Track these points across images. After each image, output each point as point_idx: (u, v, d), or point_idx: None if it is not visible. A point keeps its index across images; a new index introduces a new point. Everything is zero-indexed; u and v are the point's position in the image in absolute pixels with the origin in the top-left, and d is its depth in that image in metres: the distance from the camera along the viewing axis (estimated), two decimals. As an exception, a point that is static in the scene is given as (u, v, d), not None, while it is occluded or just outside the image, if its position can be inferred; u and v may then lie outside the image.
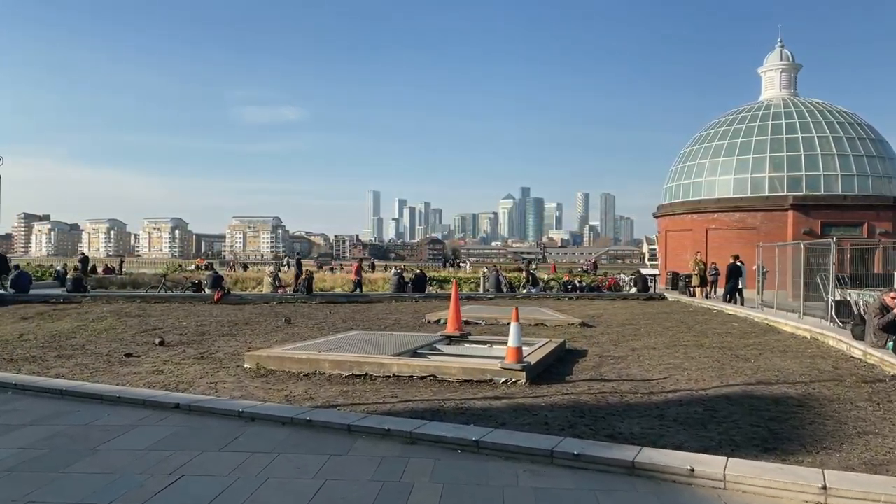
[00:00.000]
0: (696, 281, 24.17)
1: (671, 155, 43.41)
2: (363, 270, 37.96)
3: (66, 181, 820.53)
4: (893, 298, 10.09)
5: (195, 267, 56.68)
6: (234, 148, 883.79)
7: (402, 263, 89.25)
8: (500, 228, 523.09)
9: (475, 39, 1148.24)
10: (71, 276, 23.10)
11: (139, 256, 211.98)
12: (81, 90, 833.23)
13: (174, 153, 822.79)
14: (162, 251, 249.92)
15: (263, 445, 5.24)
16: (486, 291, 27.82)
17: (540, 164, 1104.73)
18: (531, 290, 28.51)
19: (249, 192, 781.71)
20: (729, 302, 20.86)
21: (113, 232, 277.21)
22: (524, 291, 27.79)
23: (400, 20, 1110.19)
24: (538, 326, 14.05)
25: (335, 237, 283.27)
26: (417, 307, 19.30)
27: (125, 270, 46.75)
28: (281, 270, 36.36)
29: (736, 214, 35.48)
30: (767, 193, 34.95)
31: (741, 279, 21.77)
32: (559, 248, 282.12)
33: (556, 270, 53.35)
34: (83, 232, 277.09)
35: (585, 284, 32.99)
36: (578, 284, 31.99)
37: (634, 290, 28.50)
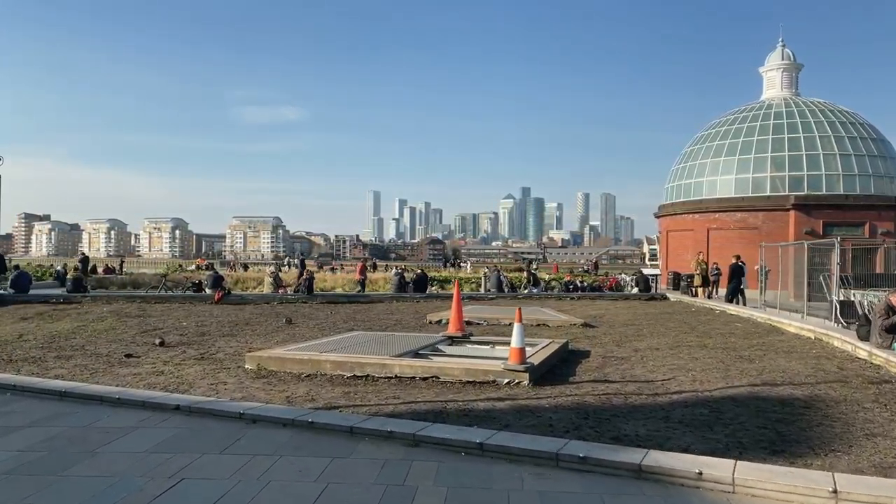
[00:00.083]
0: (698, 281, 24.14)
1: (671, 155, 43.39)
2: (367, 270, 37.87)
3: (66, 181, 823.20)
4: (899, 299, 10.02)
5: (195, 267, 56.65)
6: (234, 148, 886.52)
7: (402, 263, 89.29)
8: (500, 228, 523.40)
9: (475, 39, 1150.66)
10: (71, 276, 23.05)
11: (139, 256, 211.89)
12: (81, 90, 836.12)
13: (174, 153, 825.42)
14: (162, 251, 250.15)
15: (265, 448, 5.18)
16: (487, 291, 27.78)
17: (540, 164, 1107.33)
18: (532, 290, 28.46)
19: (249, 192, 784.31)
20: (731, 302, 20.80)
21: (113, 232, 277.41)
22: (525, 291, 27.72)
23: (400, 20, 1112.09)
24: (540, 327, 13.99)
25: (335, 237, 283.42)
26: (419, 307, 19.25)
27: (125, 270, 46.66)
28: (281, 270, 36.28)
29: (737, 214, 35.44)
30: (769, 193, 34.90)
31: (743, 279, 21.73)
32: (559, 248, 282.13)
33: (558, 270, 53.28)
34: (83, 232, 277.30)
35: (587, 284, 32.88)
36: (580, 284, 31.93)
37: (636, 290, 28.41)
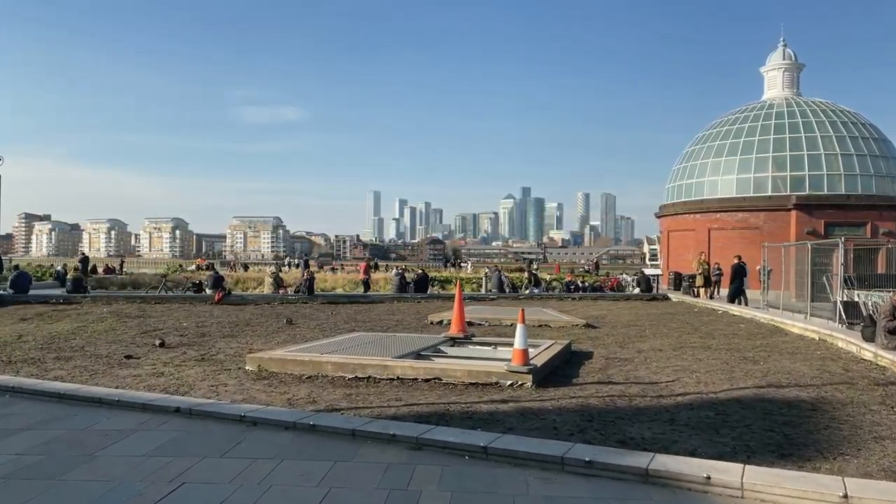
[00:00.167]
0: (700, 281, 24.06)
1: (671, 155, 43.38)
2: (371, 269, 37.65)
3: (66, 181, 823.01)
4: (904, 300, 9.95)
5: (196, 267, 56.56)
6: (234, 148, 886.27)
7: (403, 263, 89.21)
8: (500, 228, 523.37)
9: (475, 39, 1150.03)
10: (71, 276, 22.97)
11: (140, 256, 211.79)
12: (81, 90, 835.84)
13: (174, 153, 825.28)
14: (162, 251, 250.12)
15: (266, 451, 5.11)
16: (488, 292, 27.70)
17: (540, 164, 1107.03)
18: (534, 290, 28.38)
19: (249, 192, 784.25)
20: (733, 302, 20.73)
21: (113, 232, 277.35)
22: (527, 292, 27.65)
23: (400, 20, 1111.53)
24: (542, 327, 13.92)
25: (336, 237, 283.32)
26: (420, 308, 19.18)
27: (125, 270, 46.61)
28: (282, 271, 36.19)
29: (739, 214, 35.37)
30: (770, 193, 34.83)
31: (745, 279, 21.64)
32: (560, 248, 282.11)
33: (560, 270, 53.21)
34: (84, 232, 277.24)
35: (588, 285, 32.76)
36: (581, 285, 31.79)
37: (638, 290, 28.32)
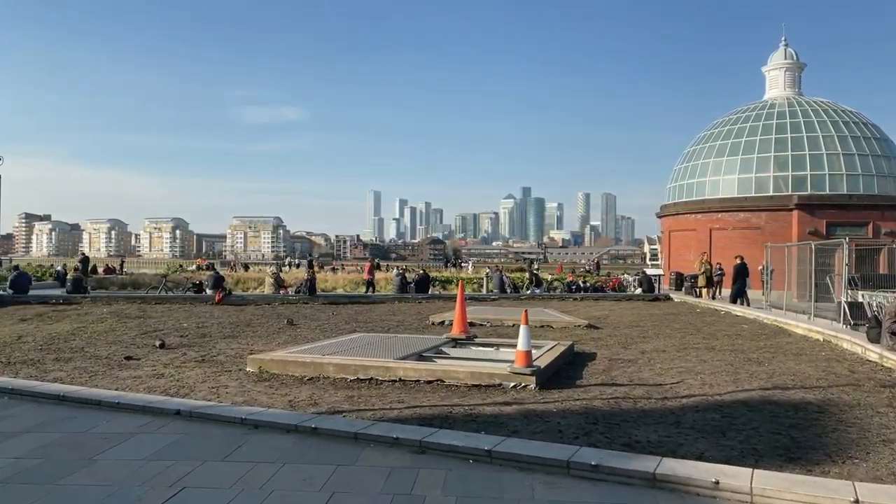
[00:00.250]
0: (702, 281, 23.99)
1: (671, 155, 43.36)
2: (375, 269, 37.37)
3: (66, 181, 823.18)
4: (909, 300, 9.88)
5: (196, 267, 56.41)
6: (234, 148, 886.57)
7: (403, 263, 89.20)
8: (500, 228, 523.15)
9: (475, 39, 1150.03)
10: (71, 276, 22.91)
11: (140, 256, 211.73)
12: (81, 90, 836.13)
13: (174, 153, 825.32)
14: (163, 251, 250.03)
15: (267, 455, 5.04)
16: (489, 292, 27.61)
17: (540, 164, 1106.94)
18: (535, 290, 28.29)
19: (250, 192, 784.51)
20: (736, 303, 20.66)
21: (114, 232, 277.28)
22: (528, 292, 27.57)
23: (400, 20, 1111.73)
24: (544, 328, 13.85)
25: (336, 237, 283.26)
26: (421, 308, 19.12)
27: (126, 270, 46.49)
28: (282, 271, 36.12)
29: (740, 214, 35.28)
30: (772, 193, 34.74)
31: (747, 279, 21.58)
32: (560, 248, 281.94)
33: (562, 271, 53.11)
34: (84, 232, 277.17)
35: (589, 285, 32.68)
36: (582, 285, 31.70)
37: (639, 290, 28.25)
